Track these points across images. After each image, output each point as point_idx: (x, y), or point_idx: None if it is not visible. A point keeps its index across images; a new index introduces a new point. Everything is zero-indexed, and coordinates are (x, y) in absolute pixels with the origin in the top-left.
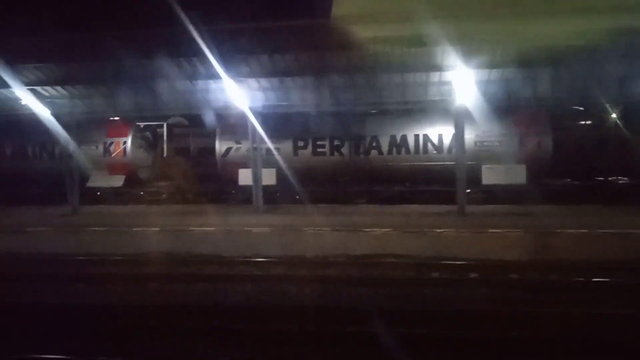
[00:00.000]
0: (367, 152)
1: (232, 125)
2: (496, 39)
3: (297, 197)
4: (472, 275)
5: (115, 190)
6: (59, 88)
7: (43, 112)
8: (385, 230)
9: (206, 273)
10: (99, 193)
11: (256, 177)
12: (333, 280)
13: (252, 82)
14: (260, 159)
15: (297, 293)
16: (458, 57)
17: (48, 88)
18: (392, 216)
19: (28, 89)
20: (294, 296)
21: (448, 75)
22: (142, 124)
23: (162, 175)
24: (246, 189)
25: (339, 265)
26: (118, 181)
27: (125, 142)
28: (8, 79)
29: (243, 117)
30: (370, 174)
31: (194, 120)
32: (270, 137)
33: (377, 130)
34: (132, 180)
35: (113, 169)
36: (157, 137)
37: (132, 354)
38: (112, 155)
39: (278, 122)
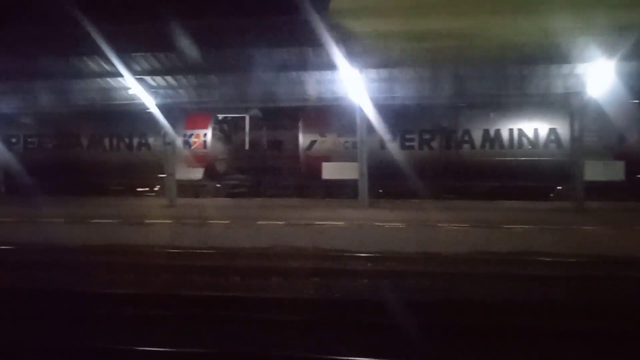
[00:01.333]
0: (459, 146)
1: (317, 118)
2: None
3: (380, 191)
4: None
5: (191, 183)
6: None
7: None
8: (525, 227)
9: (387, 269)
10: None
11: (362, 171)
12: (516, 278)
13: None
14: (365, 153)
15: (493, 289)
16: (592, 48)
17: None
18: (510, 212)
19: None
20: (496, 293)
21: (577, 68)
22: (221, 116)
23: (240, 168)
24: (330, 182)
25: (511, 263)
26: (197, 174)
27: (205, 134)
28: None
29: (329, 110)
30: (461, 169)
31: (269, 113)
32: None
33: (470, 124)
34: (211, 172)
35: (192, 161)
36: (237, 129)
37: None
38: (192, 148)
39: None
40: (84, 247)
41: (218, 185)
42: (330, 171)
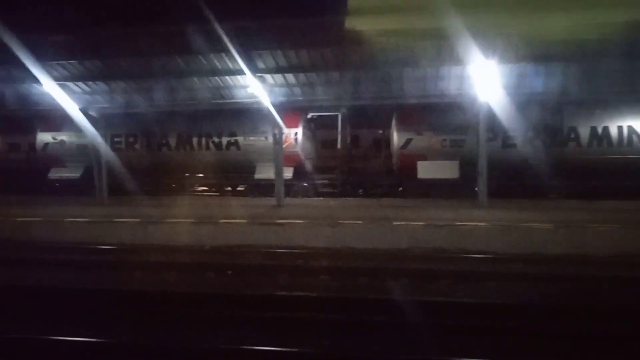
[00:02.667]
0: (564, 145)
1: (413, 115)
2: None
3: (475, 189)
4: None
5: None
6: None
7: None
8: None
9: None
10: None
11: (482, 170)
12: None
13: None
14: (486, 151)
15: None
16: None
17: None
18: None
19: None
20: None
21: None
22: (311, 115)
23: (330, 167)
24: (424, 182)
25: None
26: (287, 173)
27: (296, 133)
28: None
29: (426, 107)
30: (566, 167)
31: (362, 111)
32: (454, 128)
33: (576, 121)
34: (300, 172)
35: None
36: (328, 127)
37: None
38: (283, 147)
39: (458, 113)
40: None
41: (305, 184)
42: (426, 170)
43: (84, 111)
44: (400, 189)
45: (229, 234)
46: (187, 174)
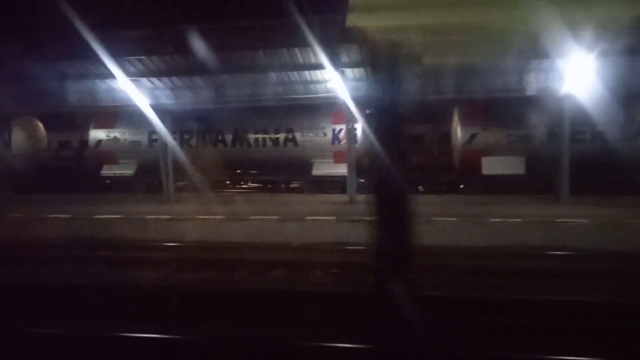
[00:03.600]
0: None
1: (478, 110)
2: None
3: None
4: None
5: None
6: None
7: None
8: None
9: None
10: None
11: (563, 165)
12: None
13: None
14: (568, 147)
15: None
16: None
17: None
18: None
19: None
20: None
21: None
22: (369, 110)
23: None
24: (487, 178)
25: None
26: (344, 169)
27: (355, 129)
28: None
29: (491, 102)
30: None
31: (422, 106)
32: (520, 123)
33: None
34: (358, 168)
35: (341, 156)
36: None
37: None
38: (342, 143)
39: (525, 107)
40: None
41: (361, 180)
42: (491, 166)
43: (153, 107)
44: (462, 186)
45: (321, 231)
46: (242, 171)
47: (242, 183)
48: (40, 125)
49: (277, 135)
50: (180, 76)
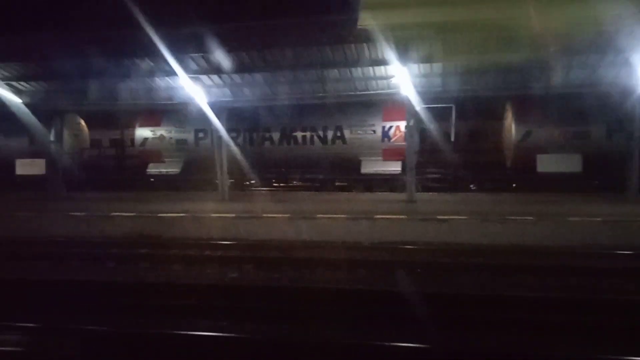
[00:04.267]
0: None
1: (533, 107)
2: None
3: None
4: None
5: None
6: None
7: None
8: None
9: None
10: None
11: (634, 163)
12: None
13: None
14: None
15: None
16: None
17: None
18: None
19: None
20: None
21: None
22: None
23: (441, 161)
24: (541, 176)
25: None
26: (396, 167)
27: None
28: None
29: (545, 99)
30: None
31: (475, 103)
32: (576, 120)
33: None
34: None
35: (390, 154)
36: (440, 120)
37: None
38: (392, 140)
39: (581, 104)
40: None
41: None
42: (546, 164)
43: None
44: (514, 185)
45: (394, 229)
46: (288, 169)
47: (289, 181)
48: (83, 123)
49: (325, 133)
50: (237, 73)
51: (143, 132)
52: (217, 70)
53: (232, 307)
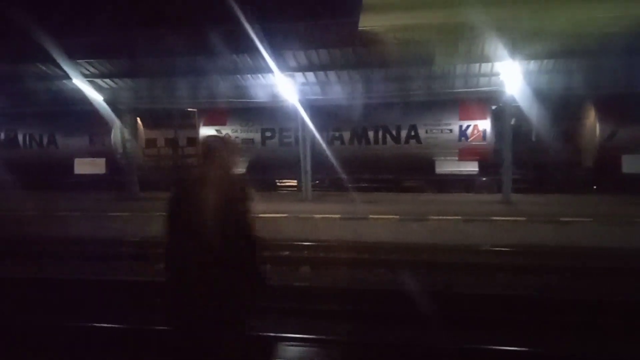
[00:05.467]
0: None
1: (619, 106)
2: None
3: None
4: None
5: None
6: None
7: None
8: None
9: None
10: None
11: None
12: None
13: None
14: None
15: None
16: None
17: None
18: None
19: None
20: None
21: None
22: (495, 106)
23: (521, 161)
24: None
25: None
26: (473, 167)
27: (484, 126)
28: None
29: (631, 98)
30: None
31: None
32: None
33: None
34: (486, 166)
35: (467, 154)
36: (520, 119)
37: None
38: (469, 140)
39: None
40: None
41: (484, 179)
42: (632, 164)
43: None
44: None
45: (519, 231)
46: (358, 169)
47: (359, 182)
48: (140, 122)
49: (399, 132)
50: (316, 71)
51: (207, 132)
52: (306, 67)
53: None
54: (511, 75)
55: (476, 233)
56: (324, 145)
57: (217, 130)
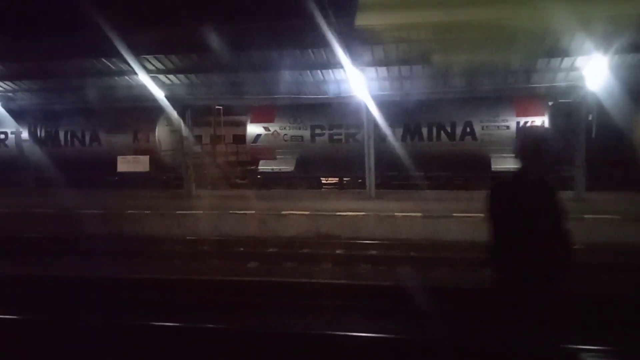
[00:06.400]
0: None
1: None
2: None
3: None
4: None
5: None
6: None
7: None
8: None
9: None
10: None
11: None
12: None
13: None
14: None
15: None
16: None
17: None
18: None
19: None
20: None
21: None
22: (552, 102)
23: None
24: None
25: None
26: None
27: (542, 122)
28: None
29: None
30: None
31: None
32: None
33: None
34: None
35: None
36: (577, 115)
37: None
38: None
39: None
40: None
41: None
42: None
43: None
44: None
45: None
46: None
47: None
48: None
49: (454, 129)
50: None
51: (255, 129)
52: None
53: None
54: (593, 70)
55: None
56: (393, 142)
57: (264, 127)
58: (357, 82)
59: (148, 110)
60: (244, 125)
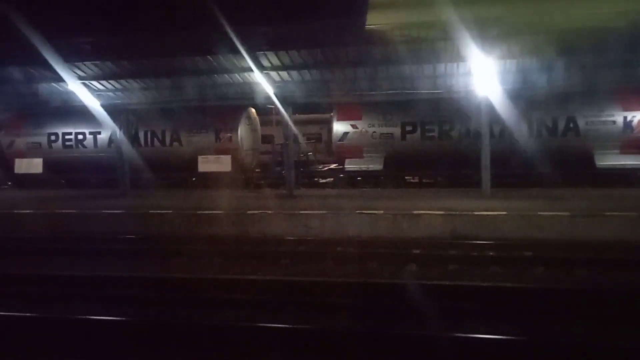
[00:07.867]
0: None
1: None
2: None
3: None
4: None
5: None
6: None
7: None
8: None
9: None
10: None
11: None
12: None
13: None
14: None
15: None
16: None
17: None
18: None
19: None
20: None
21: None
22: None
23: None
24: None
25: None
26: (638, 160)
27: None
28: None
29: None
30: None
31: None
32: None
33: None
34: None
35: (632, 147)
36: None
37: None
38: (636, 132)
39: None
40: None
41: None
42: None
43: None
44: None
45: None
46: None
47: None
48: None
49: (555, 125)
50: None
51: (342, 127)
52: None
53: None
54: None
55: None
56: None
57: (352, 125)
58: (482, 76)
59: (230, 110)
60: (327, 123)
